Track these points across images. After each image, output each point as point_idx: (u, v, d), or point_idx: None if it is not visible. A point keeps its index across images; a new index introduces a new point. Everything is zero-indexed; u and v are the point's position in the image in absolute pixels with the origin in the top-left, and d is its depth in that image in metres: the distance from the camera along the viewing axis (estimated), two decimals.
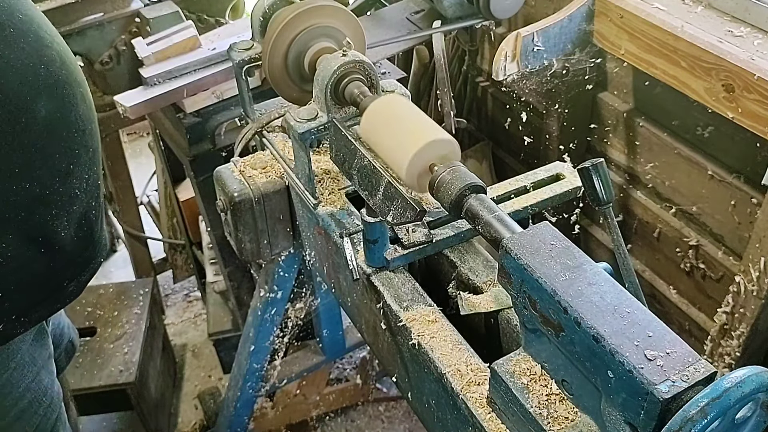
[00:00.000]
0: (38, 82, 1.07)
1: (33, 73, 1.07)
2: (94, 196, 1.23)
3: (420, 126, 1.09)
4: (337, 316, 2.14)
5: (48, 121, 1.09)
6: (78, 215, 1.19)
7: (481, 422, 0.94)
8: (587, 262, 0.81)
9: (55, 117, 1.10)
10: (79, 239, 1.21)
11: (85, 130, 1.17)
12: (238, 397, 2.07)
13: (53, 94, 1.10)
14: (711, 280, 1.83)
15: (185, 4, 2.22)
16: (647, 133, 1.87)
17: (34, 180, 1.08)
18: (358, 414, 2.53)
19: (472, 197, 0.98)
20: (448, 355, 1.03)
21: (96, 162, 1.23)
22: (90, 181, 1.20)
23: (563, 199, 1.24)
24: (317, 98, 1.29)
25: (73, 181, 1.16)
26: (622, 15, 1.69)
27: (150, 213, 2.98)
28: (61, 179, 1.13)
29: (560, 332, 0.79)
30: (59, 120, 1.12)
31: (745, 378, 0.67)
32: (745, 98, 1.46)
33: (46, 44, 1.11)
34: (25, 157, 1.06)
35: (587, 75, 1.90)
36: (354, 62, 1.25)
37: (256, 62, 1.54)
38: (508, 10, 1.88)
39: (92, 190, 1.22)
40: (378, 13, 2.02)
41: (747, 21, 1.59)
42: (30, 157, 1.07)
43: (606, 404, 0.76)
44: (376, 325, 1.21)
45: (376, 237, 1.10)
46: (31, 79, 1.06)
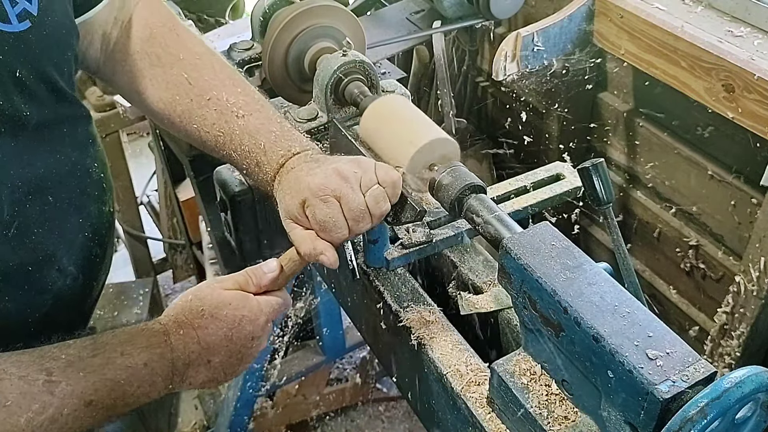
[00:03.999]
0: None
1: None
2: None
3: (420, 126, 1.09)
4: (337, 316, 2.14)
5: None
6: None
7: (481, 422, 0.94)
8: (587, 262, 0.81)
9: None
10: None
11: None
12: (238, 397, 2.07)
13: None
14: (711, 280, 1.83)
15: (185, 4, 2.23)
16: (647, 133, 1.87)
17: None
18: (358, 414, 2.53)
19: (472, 197, 0.98)
20: (448, 355, 1.03)
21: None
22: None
23: (563, 199, 1.24)
24: (317, 98, 1.29)
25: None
26: (622, 15, 1.69)
27: (150, 213, 2.98)
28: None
29: (560, 332, 0.79)
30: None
31: (745, 378, 0.67)
32: (745, 98, 1.46)
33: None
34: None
35: (587, 75, 1.90)
36: (354, 62, 1.25)
37: (256, 62, 1.54)
38: (508, 10, 1.88)
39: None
40: (378, 13, 2.02)
41: (747, 21, 1.59)
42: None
43: (606, 404, 0.76)
44: (376, 325, 1.21)
45: (376, 237, 1.10)
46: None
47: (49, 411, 0.84)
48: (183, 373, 0.95)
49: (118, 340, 0.93)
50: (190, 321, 0.96)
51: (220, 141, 1.10)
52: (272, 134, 1.08)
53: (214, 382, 1.00)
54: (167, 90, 1.12)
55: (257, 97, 1.14)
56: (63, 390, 0.85)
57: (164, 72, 1.13)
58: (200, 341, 0.95)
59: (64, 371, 0.86)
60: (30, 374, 0.84)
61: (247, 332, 0.97)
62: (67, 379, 0.86)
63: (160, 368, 0.93)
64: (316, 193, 0.96)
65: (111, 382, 0.89)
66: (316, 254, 0.98)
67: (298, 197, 0.98)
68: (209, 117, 1.10)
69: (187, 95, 1.11)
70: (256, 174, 1.09)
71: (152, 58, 1.13)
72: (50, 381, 0.85)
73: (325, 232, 0.97)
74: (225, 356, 0.97)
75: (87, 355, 0.89)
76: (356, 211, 0.96)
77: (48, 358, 0.87)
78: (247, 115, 1.09)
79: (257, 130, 1.08)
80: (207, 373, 0.97)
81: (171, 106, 1.12)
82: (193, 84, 1.11)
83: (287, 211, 1.01)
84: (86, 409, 0.87)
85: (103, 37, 1.12)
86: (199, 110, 1.11)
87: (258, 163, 1.07)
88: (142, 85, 1.14)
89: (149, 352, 0.92)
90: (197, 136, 1.13)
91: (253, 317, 0.97)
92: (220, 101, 1.10)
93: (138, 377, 0.91)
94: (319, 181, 0.96)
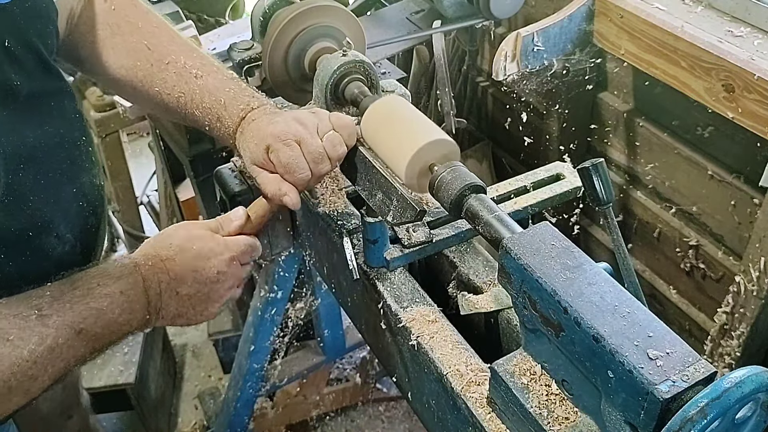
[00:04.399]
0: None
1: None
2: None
3: (420, 126, 1.09)
4: (337, 316, 2.14)
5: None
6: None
7: (481, 422, 0.94)
8: (587, 262, 0.81)
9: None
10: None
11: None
12: (238, 397, 2.07)
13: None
14: (711, 280, 1.83)
15: (185, 4, 2.23)
16: (647, 133, 1.87)
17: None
18: (358, 414, 2.53)
19: (472, 197, 0.98)
20: (448, 355, 1.03)
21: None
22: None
23: (563, 199, 1.24)
24: (317, 98, 1.29)
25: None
26: (622, 15, 1.69)
27: (150, 213, 2.98)
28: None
29: (560, 332, 0.79)
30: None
31: (745, 378, 0.67)
32: (745, 98, 1.46)
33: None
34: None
35: (587, 75, 1.90)
36: (354, 62, 1.25)
37: (256, 62, 1.54)
38: (508, 10, 1.88)
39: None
40: (378, 13, 2.03)
41: (747, 21, 1.59)
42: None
43: (606, 404, 0.76)
44: (376, 325, 1.21)
45: (376, 237, 1.10)
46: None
47: (47, 341, 0.91)
48: (156, 303, 1.03)
49: (92, 274, 1.00)
50: (158, 253, 1.04)
51: (181, 101, 1.18)
52: (231, 91, 1.16)
53: (185, 319, 1.07)
54: (128, 57, 1.19)
55: (212, 60, 1.22)
56: (55, 321, 0.93)
57: (124, 40, 1.19)
58: (168, 271, 1.03)
59: (52, 305, 0.94)
60: (22, 312, 0.91)
61: (212, 265, 1.05)
62: (57, 312, 0.93)
63: (135, 295, 1.00)
64: (279, 137, 1.05)
65: (95, 310, 0.96)
66: (281, 194, 1.07)
67: (262, 144, 1.07)
68: (169, 79, 1.17)
69: (147, 60, 1.18)
70: (218, 128, 1.17)
71: (113, 28, 1.19)
72: (42, 315, 0.92)
73: (289, 174, 1.06)
74: (192, 287, 1.04)
75: (68, 289, 0.96)
76: (315, 153, 1.05)
77: (34, 296, 0.94)
78: (205, 75, 1.17)
79: (216, 88, 1.16)
80: (176, 306, 1.05)
81: (132, 72, 1.19)
82: (152, 50, 1.18)
83: (252, 158, 1.09)
84: (78, 338, 0.95)
85: (69, 12, 1.16)
86: (159, 74, 1.18)
87: (219, 117, 1.16)
88: (104, 54, 1.20)
89: (123, 281, 1.00)
90: (159, 99, 1.20)
91: (218, 251, 1.06)
92: (179, 64, 1.17)
93: (118, 304, 0.98)
94: (281, 128, 1.06)
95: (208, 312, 1.08)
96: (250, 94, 1.17)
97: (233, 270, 1.07)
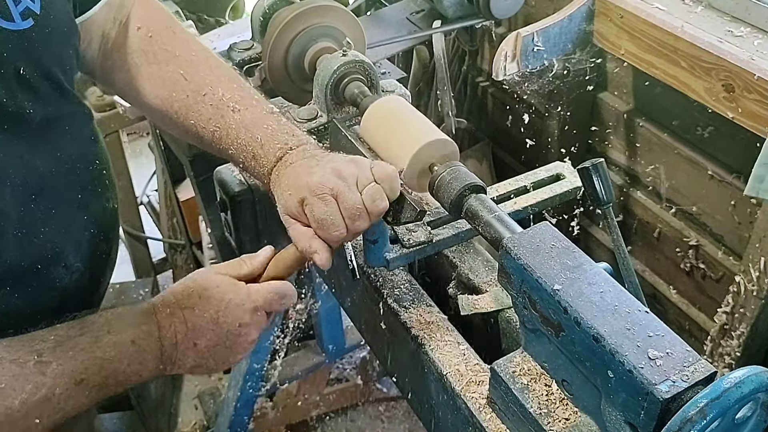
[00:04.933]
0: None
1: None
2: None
3: (420, 126, 1.09)
4: (337, 316, 2.13)
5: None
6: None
7: (481, 422, 0.94)
8: (587, 262, 0.81)
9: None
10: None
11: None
12: (238, 397, 2.07)
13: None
14: (711, 280, 1.83)
15: (185, 4, 2.23)
16: (647, 134, 1.87)
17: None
18: (358, 414, 2.52)
19: (472, 197, 0.98)
20: (448, 355, 1.03)
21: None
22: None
23: (563, 199, 1.24)
24: (317, 98, 1.29)
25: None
26: (622, 15, 1.69)
27: (150, 213, 2.98)
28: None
29: (560, 332, 0.79)
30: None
31: (745, 378, 0.67)
32: (745, 98, 1.46)
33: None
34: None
35: (587, 75, 1.90)
36: (354, 62, 1.25)
37: (256, 62, 1.54)
38: (508, 10, 1.88)
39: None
40: (378, 13, 2.02)
41: (747, 21, 1.59)
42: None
43: (606, 404, 0.76)
44: (376, 325, 1.21)
45: (376, 237, 1.10)
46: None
47: (42, 391, 0.86)
48: (171, 353, 0.96)
49: (105, 319, 0.94)
50: (177, 301, 0.98)
51: (216, 136, 1.11)
52: (268, 128, 1.09)
53: (204, 368, 1.00)
54: (164, 87, 1.13)
55: (252, 93, 1.15)
56: (54, 370, 0.87)
57: (160, 69, 1.14)
58: (186, 321, 0.96)
59: (54, 351, 0.88)
60: (21, 357, 0.86)
61: (234, 316, 0.98)
62: (57, 359, 0.88)
63: (147, 345, 0.94)
64: (315, 191, 0.97)
65: (100, 359, 0.90)
66: (311, 252, 0.99)
67: (297, 195, 0.99)
68: (205, 112, 1.11)
69: (183, 91, 1.12)
70: (253, 167, 1.09)
71: (149, 56, 1.14)
72: (41, 362, 0.86)
73: (323, 230, 0.98)
74: (212, 341, 0.98)
75: (75, 334, 0.91)
76: (353, 209, 0.97)
77: (37, 340, 0.89)
78: (242, 110, 1.10)
79: (253, 123, 1.09)
80: (195, 357, 0.98)
81: (168, 103, 1.13)
82: (189, 80, 1.12)
83: (286, 208, 1.02)
84: (77, 388, 0.89)
85: (102, 37, 1.13)
86: (195, 106, 1.12)
87: (255, 156, 1.08)
88: (139, 82, 1.15)
89: (136, 329, 0.94)
90: (194, 132, 1.14)
91: (239, 301, 0.99)
92: (216, 96, 1.11)
93: (127, 354, 0.92)
94: (318, 180, 0.97)
95: (229, 361, 1.02)
96: (288, 132, 1.09)
97: (256, 320, 1.01)
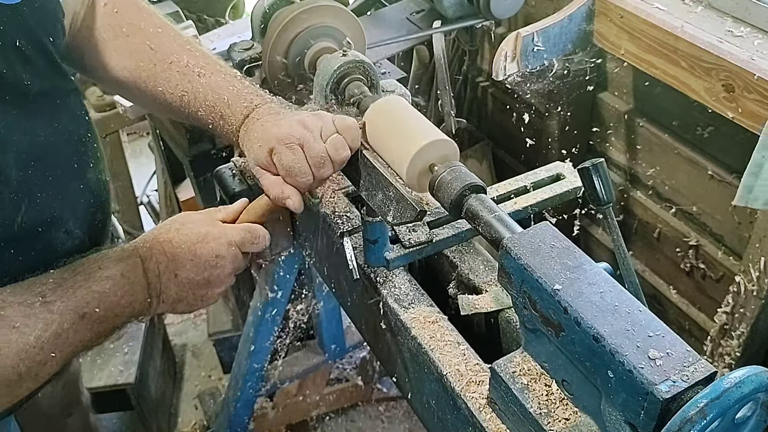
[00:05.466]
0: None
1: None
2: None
3: (420, 126, 1.09)
4: (337, 316, 2.14)
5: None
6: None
7: (481, 422, 0.94)
8: (587, 262, 0.81)
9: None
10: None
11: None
12: (238, 397, 2.07)
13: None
14: (711, 280, 1.83)
15: (185, 4, 2.23)
16: (647, 134, 1.87)
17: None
18: (358, 414, 2.53)
19: (472, 197, 0.98)
20: (448, 355, 1.03)
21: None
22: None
23: (563, 199, 1.24)
24: (317, 98, 1.29)
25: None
26: (622, 15, 1.69)
27: (150, 213, 2.98)
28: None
29: (560, 332, 0.79)
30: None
31: (745, 378, 0.67)
32: (745, 98, 1.46)
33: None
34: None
35: (587, 75, 1.90)
36: (354, 62, 1.25)
37: (256, 62, 1.54)
38: (508, 10, 1.88)
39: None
40: (378, 13, 2.02)
41: (747, 21, 1.59)
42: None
43: (606, 404, 0.76)
44: (376, 325, 1.21)
45: (376, 237, 1.10)
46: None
47: (52, 327, 0.93)
48: (155, 285, 1.04)
49: (93, 259, 1.02)
50: (156, 236, 1.06)
51: (185, 100, 1.18)
52: (234, 89, 1.16)
53: (186, 304, 1.08)
54: (131, 58, 1.19)
55: (215, 59, 1.22)
56: (59, 307, 0.94)
57: (127, 42, 1.19)
58: (166, 253, 1.04)
59: (55, 291, 0.95)
60: (27, 299, 0.93)
61: (210, 248, 1.05)
62: (60, 297, 0.95)
63: (135, 277, 1.02)
64: (283, 140, 1.05)
65: (97, 293, 0.98)
66: (283, 197, 1.07)
67: (266, 146, 1.07)
68: (173, 79, 1.18)
69: (150, 60, 1.18)
70: (221, 126, 1.17)
71: (116, 30, 1.19)
72: (46, 301, 0.93)
73: (291, 177, 1.06)
74: (191, 271, 1.05)
75: (69, 275, 0.98)
76: (317, 157, 1.05)
77: (37, 284, 0.95)
78: (208, 74, 1.17)
79: (219, 86, 1.17)
80: (176, 290, 1.05)
81: (135, 73, 1.19)
82: (155, 49, 1.19)
83: (256, 159, 1.09)
84: (82, 322, 0.96)
85: (73, 17, 1.17)
86: (162, 73, 1.18)
87: (222, 115, 1.16)
88: (107, 56, 1.20)
89: (123, 264, 1.01)
90: (162, 99, 1.20)
91: (216, 234, 1.07)
92: (182, 63, 1.18)
93: (119, 286, 1.00)
94: (285, 131, 1.05)
95: (207, 297, 1.09)
96: (253, 92, 1.17)
97: (232, 254, 1.07)
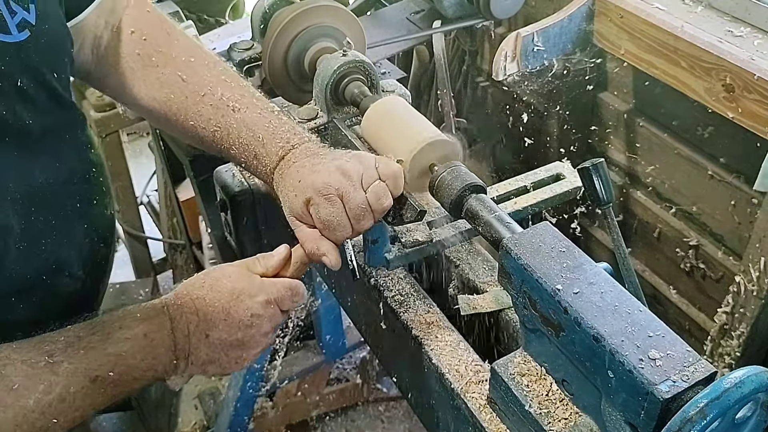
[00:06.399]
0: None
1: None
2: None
3: (420, 126, 1.09)
4: (337, 316, 2.14)
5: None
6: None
7: (481, 422, 0.94)
8: (587, 262, 0.81)
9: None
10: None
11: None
12: (238, 397, 2.07)
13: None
14: (711, 280, 1.83)
15: (185, 4, 2.22)
16: (647, 134, 1.87)
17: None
18: (358, 414, 2.52)
19: (472, 197, 0.98)
20: (448, 355, 1.03)
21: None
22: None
23: (563, 199, 1.24)
24: (317, 98, 1.29)
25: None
26: (622, 15, 1.69)
27: (150, 213, 2.98)
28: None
29: (560, 332, 0.79)
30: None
31: (745, 378, 0.67)
32: (745, 98, 1.46)
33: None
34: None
35: (587, 75, 1.90)
36: (354, 62, 1.25)
37: (256, 62, 1.54)
38: (508, 10, 1.88)
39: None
40: (378, 13, 2.02)
41: (747, 21, 1.58)
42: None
43: (606, 404, 0.76)
44: (376, 325, 1.21)
45: (376, 237, 1.10)
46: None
47: (56, 390, 0.85)
48: (184, 346, 0.95)
49: (116, 317, 0.94)
50: (188, 292, 0.97)
51: (217, 136, 1.10)
52: (270, 126, 1.08)
53: (218, 365, 0.98)
54: (161, 89, 1.12)
55: (252, 91, 1.14)
56: (66, 369, 0.86)
57: (157, 71, 1.13)
58: (197, 311, 0.95)
59: (65, 351, 0.87)
60: (32, 357, 0.86)
61: (246, 307, 0.95)
62: (69, 358, 0.87)
63: (160, 338, 0.93)
64: (320, 191, 0.96)
65: (113, 356, 0.90)
66: (319, 254, 0.99)
67: (302, 196, 0.98)
68: (205, 112, 1.10)
69: (181, 93, 1.11)
70: (256, 167, 1.08)
71: (145, 59, 1.13)
72: (52, 362, 0.86)
73: (329, 231, 0.98)
74: (224, 331, 0.96)
75: (85, 334, 0.90)
76: (357, 209, 0.96)
77: (47, 341, 0.88)
78: (242, 109, 1.09)
79: (254, 122, 1.08)
80: (207, 351, 0.96)
81: (166, 105, 1.12)
82: (187, 81, 1.11)
83: (291, 209, 1.01)
84: (93, 386, 0.88)
85: (93, 41, 1.12)
86: (194, 107, 1.11)
87: (257, 155, 1.07)
88: (136, 86, 1.14)
89: (148, 323, 0.93)
90: (194, 133, 1.13)
91: (252, 292, 0.96)
92: (216, 96, 1.10)
93: (140, 348, 0.91)
94: (323, 180, 0.96)
95: (242, 359, 0.99)
96: (290, 130, 1.08)
97: (270, 313, 0.97)
